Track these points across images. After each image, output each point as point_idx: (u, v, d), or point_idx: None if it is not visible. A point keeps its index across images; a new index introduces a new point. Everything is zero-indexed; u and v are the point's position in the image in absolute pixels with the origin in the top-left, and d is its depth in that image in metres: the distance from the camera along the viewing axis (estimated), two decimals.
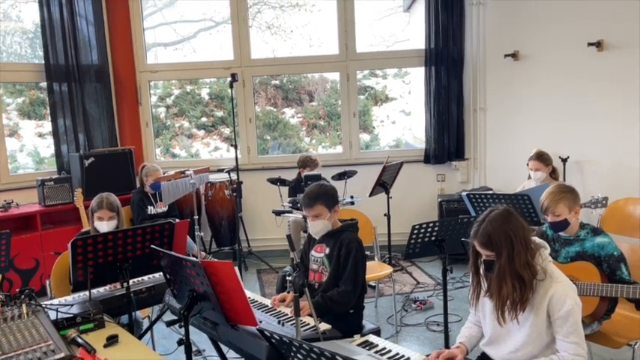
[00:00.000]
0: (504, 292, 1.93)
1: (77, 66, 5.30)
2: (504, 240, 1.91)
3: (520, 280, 1.91)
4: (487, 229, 1.94)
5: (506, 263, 1.91)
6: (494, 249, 1.93)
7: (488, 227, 1.94)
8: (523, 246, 1.92)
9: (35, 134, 7.03)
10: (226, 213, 5.56)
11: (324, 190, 2.71)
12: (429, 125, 5.66)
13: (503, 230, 1.92)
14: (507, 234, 1.91)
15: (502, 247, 1.91)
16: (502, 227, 1.93)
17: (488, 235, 1.93)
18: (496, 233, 1.92)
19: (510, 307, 1.94)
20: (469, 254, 2.50)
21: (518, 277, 1.91)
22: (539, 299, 1.94)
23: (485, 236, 1.94)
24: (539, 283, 1.94)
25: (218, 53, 6.69)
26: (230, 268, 2.03)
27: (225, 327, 2.22)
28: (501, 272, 1.92)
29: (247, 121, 5.91)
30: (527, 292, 1.92)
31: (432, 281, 4.83)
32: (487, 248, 1.95)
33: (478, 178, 5.64)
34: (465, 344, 2.17)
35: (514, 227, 1.93)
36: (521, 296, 1.91)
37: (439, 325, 3.86)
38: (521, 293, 1.91)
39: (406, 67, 6.32)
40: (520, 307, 1.93)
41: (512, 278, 1.91)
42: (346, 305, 2.59)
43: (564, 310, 1.89)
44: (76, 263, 2.45)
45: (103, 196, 3.09)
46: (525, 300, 1.93)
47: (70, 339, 2.08)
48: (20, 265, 4.58)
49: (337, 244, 2.65)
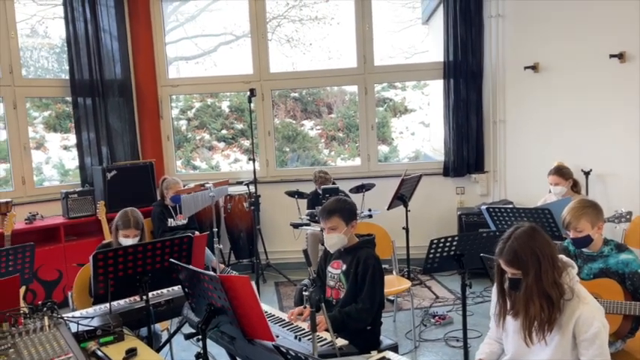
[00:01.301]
0: (532, 312, 1.89)
1: (101, 81, 5.43)
2: (531, 258, 1.88)
3: (548, 300, 1.88)
4: (513, 246, 1.90)
5: (533, 282, 1.87)
6: (520, 267, 1.89)
7: (513, 245, 1.91)
8: (550, 264, 1.89)
9: (60, 147, 7.19)
10: (245, 225, 5.59)
11: (343, 204, 2.71)
12: (448, 137, 5.63)
13: (529, 248, 1.89)
14: (534, 252, 1.88)
15: (529, 266, 1.88)
16: (528, 245, 1.89)
17: (514, 253, 1.90)
18: (522, 251, 1.88)
19: (538, 328, 1.91)
20: (489, 271, 2.49)
21: (546, 296, 1.88)
22: (565, 320, 1.90)
23: (510, 254, 1.90)
24: (567, 303, 1.91)
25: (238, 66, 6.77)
26: (246, 283, 2.04)
27: (242, 341, 2.23)
28: (529, 291, 1.89)
29: (266, 134, 5.96)
30: (555, 313, 1.88)
31: (452, 296, 4.77)
32: (513, 266, 1.91)
33: (498, 191, 5.57)
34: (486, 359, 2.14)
35: (540, 245, 1.90)
36: (549, 317, 1.88)
37: (458, 341, 3.80)
38: (549, 313, 1.88)
39: (425, 80, 6.32)
40: (548, 327, 1.89)
41: (539, 298, 1.88)
42: (363, 322, 2.58)
43: (591, 332, 1.85)
44: (97, 276, 2.49)
45: (129, 214, 3.11)
46: (553, 320, 1.89)
47: (90, 351, 2.12)
48: (44, 277, 4.67)
49: (354, 261, 2.64)
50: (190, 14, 7.65)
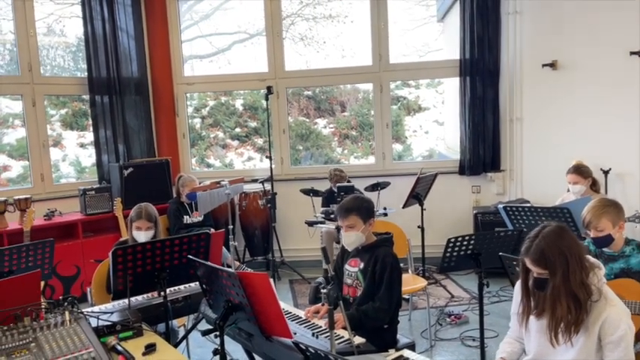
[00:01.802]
0: (559, 313, 1.87)
1: (118, 79, 5.48)
2: (559, 258, 1.85)
3: (575, 301, 1.85)
4: (540, 245, 1.88)
5: (561, 283, 1.85)
6: (547, 267, 1.87)
7: (541, 244, 1.88)
8: (578, 264, 1.86)
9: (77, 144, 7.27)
10: (260, 223, 5.61)
11: (361, 202, 2.70)
12: (464, 136, 5.58)
13: (557, 247, 1.86)
14: (562, 251, 1.86)
15: (556, 266, 1.85)
16: (556, 244, 1.87)
17: (541, 252, 1.87)
18: (550, 250, 1.86)
19: (564, 329, 1.88)
20: (508, 270, 2.46)
21: (573, 297, 1.85)
22: (592, 321, 1.87)
23: (538, 253, 1.88)
24: (593, 305, 1.88)
25: (252, 65, 6.79)
26: (265, 280, 2.05)
27: (259, 338, 2.23)
28: (556, 292, 1.86)
29: (281, 132, 5.97)
30: (582, 314, 1.86)
31: (467, 295, 4.74)
32: (540, 266, 1.89)
33: (515, 190, 5.52)
34: (508, 358, 2.11)
35: (568, 244, 1.88)
36: (576, 318, 1.85)
37: (475, 341, 3.77)
38: (576, 315, 1.85)
39: (440, 78, 6.28)
40: (574, 329, 1.87)
41: (567, 298, 1.85)
42: (380, 321, 2.57)
43: (617, 335, 1.83)
44: (116, 272, 2.52)
45: (142, 207, 3.16)
46: (580, 322, 1.86)
47: (110, 346, 2.13)
48: (62, 272, 4.73)
49: (372, 259, 2.63)
50: (205, 13, 7.69)
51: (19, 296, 2.16)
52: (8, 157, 6.71)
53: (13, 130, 6.83)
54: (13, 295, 2.16)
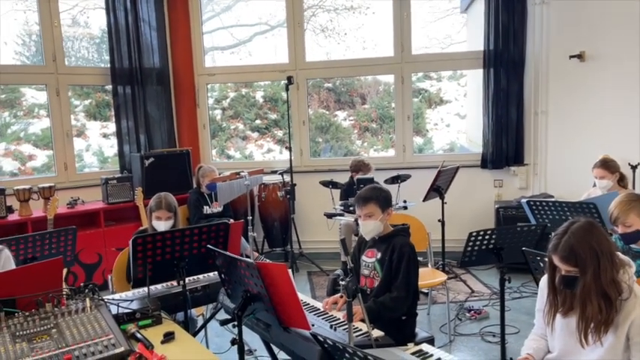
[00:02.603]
0: (589, 313, 1.81)
1: (140, 69, 5.52)
2: (589, 255, 1.79)
3: (606, 300, 1.79)
4: (569, 242, 1.82)
5: (591, 281, 1.79)
6: (577, 264, 1.81)
7: (570, 240, 1.82)
8: (609, 261, 1.80)
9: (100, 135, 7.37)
10: (279, 214, 5.61)
11: (379, 191, 2.68)
12: (487, 129, 5.48)
13: (587, 244, 1.80)
14: (592, 248, 1.80)
15: (587, 263, 1.79)
16: (586, 240, 1.81)
17: (570, 249, 1.81)
18: (580, 247, 1.80)
19: (594, 329, 1.82)
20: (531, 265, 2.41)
21: (604, 295, 1.79)
22: (622, 320, 1.82)
23: (566, 250, 1.82)
24: (623, 303, 1.82)
25: (273, 56, 6.78)
26: (284, 271, 2.03)
27: (277, 329, 2.23)
28: (586, 290, 1.80)
29: (301, 123, 5.94)
30: (613, 313, 1.80)
31: (488, 290, 4.67)
32: (568, 263, 1.83)
33: (538, 185, 5.41)
34: (533, 356, 2.07)
35: (599, 241, 1.82)
36: (606, 317, 1.80)
37: (495, 336, 3.72)
38: (607, 314, 1.79)
39: (463, 70, 6.16)
40: (604, 329, 1.81)
41: (597, 297, 1.79)
42: (399, 311, 2.54)
43: None
44: (136, 260, 2.54)
45: (162, 196, 3.18)
46: (611, 321, 1.80)
47: (129, 334, 2.15)
48: (85, 260, 4.81)
49: (389, 249, 2.61)
50: (226, 4, 7.68)
51: (41, 282, 2.19)
52: (34, 147, 6.83)
53: (38, 120, 6.94)
54: (35, 281, 2.19)
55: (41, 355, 1.87)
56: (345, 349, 1.55)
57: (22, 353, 1.87)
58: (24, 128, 6.89)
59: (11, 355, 1.85)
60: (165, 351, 2.01)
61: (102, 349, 1.92)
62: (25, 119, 6.81)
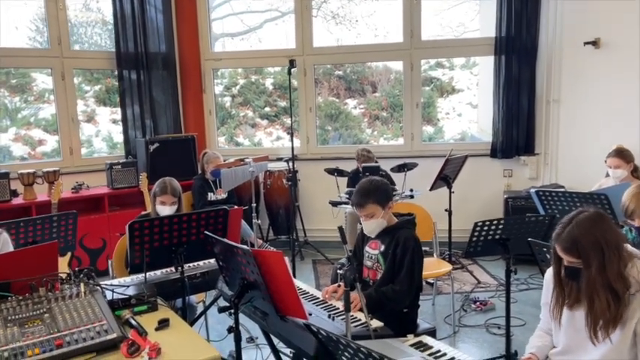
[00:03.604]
0: (597, 308, 1.74)
1: (146, 54, 5.47)
2: (593, 247, 1.72)
3: (614, 295, 1.71)
4: (572, 232, 1.75)
5: (597, 274, 1.71)
6: (580, 256, 1.74)
7: (574, 231, 1.75)
8: (615, 255, 1.72)
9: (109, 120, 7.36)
10: (284, 202, 5.57)
11: (375, 186, 2.54)
12: (497, 117, 5.36)
13: (592, 236, 1.72)
14: (597, 240, 1.72)
15: (590, 256, 1.72)
16: (591, 232, 1.73)
17: (572, 240, 1.74)
18: (583, 238, 1.72)
19: (603, 326, 1.75)
20: (537, 257, 2.33)
21: (611, 290, 1.72)
22: (629, 315, 1.74)
23: (568, 241, 1.75)
24: (631, 297, 1.74)
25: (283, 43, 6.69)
26: (279, 258, 1.98)
27: (274, 318, 2.18)
28: (592, 284, 1.73)
29: (307, 110, 5.87)
30: (622, 308, 1.72)
31: (494, 281, 4.60)
32: (570, 254, 1.76)
33: (548, 175, 5.29)
34: (537, 355, 2.00)
35: (604, 233, 1.73)
36: (615, 313, 1.72)
37: (500, 329, 3.66)
38: (615, 309, 1.71)
39: (474, 56, 6.02)
40: (613, 325, 1.73)
41: (605, 291, 1.72)
42: (400, 304, 2.48)
43: None
44: (133, 245, 2.50)
45: (166, 181, 3.14)
46: (620, 317, 1.73)
47: (123, 320, 2.12)
48: (89, 245, 4.81)
49: (393, 242, 2.53)
50: None
51: (35, 266, 2.16)
52: (44, 132, 6.84)
53: (48, 105, 6.94)
54: (29, 265, 2.16)
55: (32, 340, 1.84)
56: (339, 341, 1.50)
57: (12, 338, 1.84)
58: (34, 113, 6.89)
59: (1, 340, 1.82)
60: (159, 338, 1.97)
61: (94, 335, 1.89)
62: (35, 104, 6.81)
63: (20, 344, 1.81)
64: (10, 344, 1.81)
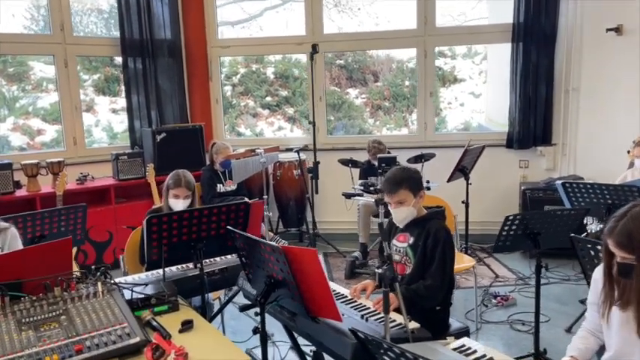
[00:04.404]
0: None
1: (151, 41, 5.29)
2: None
3: None
4: (628, 227, 1.63)
5: None
6: (634, 251, 1.62)
7: (629, 225, 1.63)
8: None
9: (109, 110, 7.20)
10: (294, 193, 5.43)
11: (409, 173, 2.45)
12: (514, 106, 5.21)
13: None
14: None
15: None
16: None
17: (628, 234, 1.63)
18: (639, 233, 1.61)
19: None
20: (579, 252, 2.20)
21: None
22: None
23: (623, 235, 1.64)
24: None
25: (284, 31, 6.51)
26: (313, 257, 1.85)
27: (304, 319, 2.05)
28: None
29: (317, 99, 5.71)
30: None
31: (513, 275, 4.48)
32: (625, 249, 1.65)
33: (566, 166, 5.16)
34: (578, 359, 1.88)
35: None
36: None
37: (524, 325, 3.54)
38: None
39: (490, 44, 5.83)
40: None
41: None
42: (433, 301, 2.36)
43: None
44: (150, 241, 2.36)
45: (180, 174, 2.99)
46: None
47: (144, 321, 1.99)
48: (95, 238, 4.67)
49: (423, 234, 2.40)
50: None
51: (49, 264, 2.02)
52: (42, 121, 6.68)
53: (47, 94, 6.78)
54: (43, 262, 2.02)
55: (49, 345, 1.70)
56: (391, 349, 1.37)
57: (28, 343, 1.70)
58: (32, 102, 6.73)
59: (16, 345, 1.69)
60: (183, 341, 1.85)
61: (115, 339, 1.75)
62: (33, 93, 6.64)
63: (37, 350, 1.68)
64: (25, 350, 1.68)
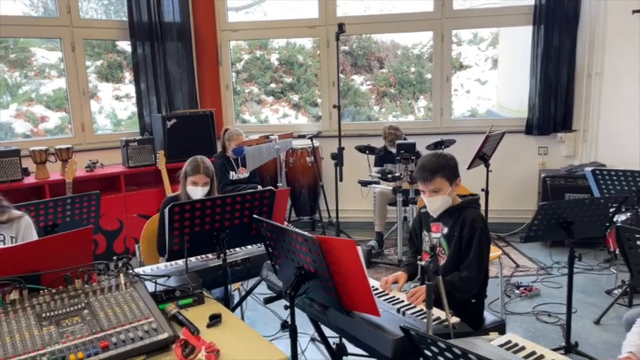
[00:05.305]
0: None
1: (160, 24, 5.13)
2: None
3: None
4: None
5: None
6: None
7: None
8: None
9: (113, 97, 7.08)
10: (307, 181, 5.31)
11: (445, 160, 2.31)
12: (534, 91, 5.06)
13: None
14: None
15: None
16: None
17: None
18: None
19: None
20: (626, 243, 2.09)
21: None
22: None
23: None
24: None
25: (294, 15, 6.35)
26: (352, 248, 1.73)
27: (336, 313, 1.95)
28: None
29: (330, 84, 5.56)
30: None
31: (533, 265, 4.37)
32: None
33: (587, 153, 5.02)
34: (637, 355, 1.77)
35: None
36: None
37: (550, 316, 3.44)
38: None
39: (510, 26, 5.64)
40: None
41: None
42: (468, 293, 2.25)
43: None
44: (172, 231, 2.25)
45: (199, 160, 2.87)
46: None
47: (169, 315, 1.88)
48: (105, 226, 4.56)
49: (458, 223, 2.29)
50: None
51: (69, 255, 1.92)
52: (45, 108, 6.56)
53: (49, 80, 6.66)
54: (62, 253, 1.92)
55: (73, 341, 1.60)
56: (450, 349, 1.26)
57: (50, 339, 1.60)
58: (35, 89, 6.61)
59: (37, 342, 1.58)
60: (212, 337, 1.74)
61: (143, 335, 1.65)
62: (36, 79, 6.51)
63: (60, 347, 1.57)
64: (48, 347, 1.57)
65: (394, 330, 1.78)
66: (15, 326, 1.64)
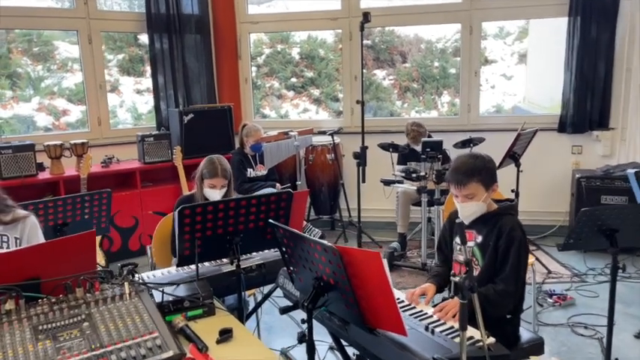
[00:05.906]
0: None
1: (178, 16, 5.01)
2: None
3: None
4: None
5: None
6: None
7: None
8: None
9: (134, 91, 7.02)
10: (327, 179, 5.14)
11: (482, 163, 2.10)
12: (568, 87, 4.78)
13: None
14: None
15: None
16: None
17: None
18: None
19: None
20: None
21: None
22: None
23: None
24: None
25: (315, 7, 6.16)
26: (377, 261, 1.56)
27: (358, 329, 1.77)
28: None
29: (352, 78, 5.37)
30: None
31: (567, 271, 4.13)
32: None
33: (625, 153, 4.72)
34: None
35: None
36: None
37: (587, 329, 3.21)
38: None
39: (543, 18, 5.35)
40: None
41: None
42: (504, 309, 2.06)
43: None
44: (182, 234, 2.10)
45: (216, 161, 2.70)
46: None
47: (177, 328, 1.74)
48: (120, 223, 4.46)
49: (494, 232, 2.09)
50: None
51: (70, 261, 1.78)
52: (67, 102, 6.54)
53: (71, 74, 6.64)
54: (63, 259, 1.78)
55: (69, 358, 1.45)
56: None
57: (44, 356, 1.46)
58: (57, 82, 6.60)
59: (31, 358, 1.44)
60: (222, 354, 1.60)
61: (145, 353, 1.50)
62: (58, 73, 6.49)
63: None
64: None
65: (423, 352, 1.61)
66: (9, 340, 1.51)
